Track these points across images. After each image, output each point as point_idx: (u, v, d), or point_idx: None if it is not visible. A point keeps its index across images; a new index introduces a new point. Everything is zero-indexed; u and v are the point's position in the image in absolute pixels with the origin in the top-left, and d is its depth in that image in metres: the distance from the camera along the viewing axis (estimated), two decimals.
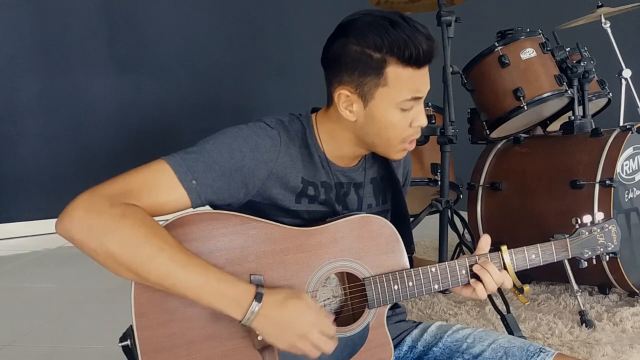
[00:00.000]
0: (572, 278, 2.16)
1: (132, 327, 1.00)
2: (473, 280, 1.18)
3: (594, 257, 1.30)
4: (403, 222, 1.25)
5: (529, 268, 1.24)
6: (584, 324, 2.12)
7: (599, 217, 1.32)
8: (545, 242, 1.26)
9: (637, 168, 2.33)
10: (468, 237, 2.42)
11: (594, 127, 2.42)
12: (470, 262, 1.18)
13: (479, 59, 2.55)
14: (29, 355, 2.16)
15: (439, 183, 2.32)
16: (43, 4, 4.45)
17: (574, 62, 2.47)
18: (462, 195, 2.73)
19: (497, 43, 2.51)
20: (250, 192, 1.11)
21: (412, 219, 1.64)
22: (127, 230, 0.94)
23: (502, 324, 2.02)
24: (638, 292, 2.31)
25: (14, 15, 4.37)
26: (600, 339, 1.99)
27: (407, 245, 1.18)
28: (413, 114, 1.14)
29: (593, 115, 2.72)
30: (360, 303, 1.14)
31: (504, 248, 1.21)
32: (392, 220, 1.19)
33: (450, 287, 1.18)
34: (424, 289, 1.16)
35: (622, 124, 2.46)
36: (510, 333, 1.95)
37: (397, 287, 1.14)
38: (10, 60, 4.40)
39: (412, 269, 1.15)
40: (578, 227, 1.30)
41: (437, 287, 1.16)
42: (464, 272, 1.18)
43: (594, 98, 2.73)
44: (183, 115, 4.82)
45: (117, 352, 1.04)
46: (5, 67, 4.38)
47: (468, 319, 2.25)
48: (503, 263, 1.20)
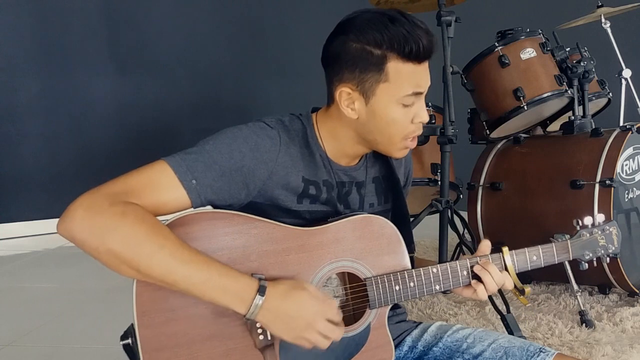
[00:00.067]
0: (572, 278, 2.16)
1: (133, 325, 0.99)
2: (474, 281, 1.17)
3: (595, 259, 1.30)
4: (403, 221, 1.25)
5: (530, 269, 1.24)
6: (584, 324, 2.12)
7: (600, 218, 1.32)
8: (545, 242, 1.26)
9: (637, 168, 2.33)
10: (468, 237, 2.42)
11: (594, 127, 2.43)
12: (472, 262, 1.18)
13: (479, 59, 2.55)
14: (29, 355, 2.16)
15: (439, 183, 2.32)
16: (43, 4, 4.45)
17: (574, 62, 2.47)
18: (462, 195, 2.74)
19: (497, 43, 2.51)
20: (252, 193, 1.11)
21: (412, 219, 1.64)
22: (127, 228, 0.95)
23: (502, 324, 2.02)
24: (638, 292, 2.31)
25: (14, 15, 4.37)
26: (600, 339, 1.99)
27: (407, 245, 1.18)
28: (414, 110, 1.14)
29: (593, 115, 2.73)
30: (362, 303, 1.14)
31: (505, 249, 1.21)
32: (392, 220, 1.19)
33: (452, 288, 1.18)
34: (425, 290, 1.15)
35: (622, 124, 2.46)
36: (510, 333, 1.95)
37: (398, 287, 1.14)
38: (10, 60, 4.40)
39: (413, 270, 1.15)
40: (579, 228, 1.30)
41: (438, 287, 1.16)
42: (465, 273, 1.18)
43: (594, 98, 2.73)
44: (183, 115, 4.82)
45: (117, 352, 1.04)
46: (5, 67, 4.38)
47: (468, 319, 2.25)
48: (504, 264, 1.20)
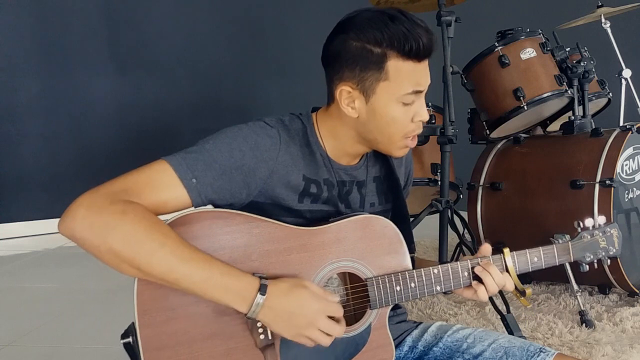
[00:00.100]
0: (572, 278, 2.16)
1: (134, 324, 0.99)
2: (475, 282, 1.17)
3: (596, 260, 1.30)
4: (403, 221, 1.25)
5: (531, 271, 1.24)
6: (584, 324, 2.12)
7: (601, 220, 1.32)
8: (545, 242, 1.26)
9: (637, 168, 2.33)
10: (468, 237, 2.42)
11: (594, 127, 2.42)
12: (473, 263, 1.18)
13: (479, 59, 2.55)
14: (29, 355, 2.16)
15: (439, 183, 2.32)
16: (43, 4, 4.45)
17: (574, 62, 2.47)
18: (462, 195, 2.74)
19: (497, 43, 2.51)
20: (253, 192, 1.11)
21: (412, 219, 1.64)
22: (128, 227, 0.95)
23: (502, 324, 2.02)
24: (638, 292, 2.31)
25: (14, 15, 4.37)
26: (600, 339, 1.99)
27: (407, 245, 1.18)
28: (414, 109, 1.14)
29: (593, 115, 2.73)
30: (362, 303, 1.14)
31: (507, 250, 1.20)
32: (392, 220, 1.19)
33: (452, 289, 1.18)
34: (426, 291, 1.15)
35: (622, 124, 2.46)
36: (510, 333, 1.95)
37: (399, 288, 1.13)
38: (10, 60, 4.40)
39: (414, 270, 1.15)
40: (580, 230, 1.29)
41: (439, 288, 1.16)
42: (466, 274, 1.18)
43: (594, 98, 2.73)
44: (183, 115, 4.81)
45: (117, 352, 1.04)
46: (5, 67, 4.38)
47: (468, 319, 2.25)
48: (505, 265, 1.20)
